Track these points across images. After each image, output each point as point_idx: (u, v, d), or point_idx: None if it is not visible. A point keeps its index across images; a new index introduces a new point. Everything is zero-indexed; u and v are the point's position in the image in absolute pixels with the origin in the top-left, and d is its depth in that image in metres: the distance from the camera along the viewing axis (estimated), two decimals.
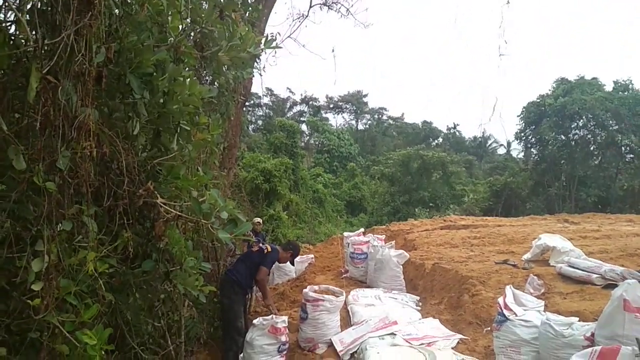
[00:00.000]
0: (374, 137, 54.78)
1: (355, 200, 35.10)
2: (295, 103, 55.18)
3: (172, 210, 3.46)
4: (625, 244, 8.64)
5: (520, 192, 28.20)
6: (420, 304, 6.77)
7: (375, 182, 34.69)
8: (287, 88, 52.97)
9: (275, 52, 9.82)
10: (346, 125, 56.74)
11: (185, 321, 5.79)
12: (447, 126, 58.21)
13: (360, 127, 58.37)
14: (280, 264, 9.69)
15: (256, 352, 5.30)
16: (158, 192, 3.44)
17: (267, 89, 49.55)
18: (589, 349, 2.67)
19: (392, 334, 5.03)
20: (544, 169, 28.07)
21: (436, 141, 57.02)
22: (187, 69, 3.64)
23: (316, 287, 6.21)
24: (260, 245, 6.13)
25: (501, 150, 54.68)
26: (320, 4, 10.64)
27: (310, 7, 10.60)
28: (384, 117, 58.78)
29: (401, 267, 7.59)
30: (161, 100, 3.32)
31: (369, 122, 58.60)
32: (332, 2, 10.66)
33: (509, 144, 47.02)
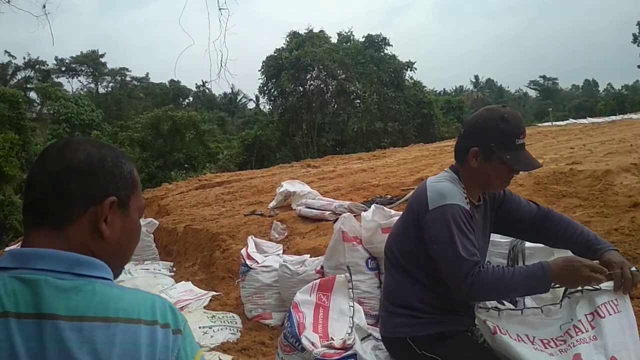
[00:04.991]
0: (118, 101, 50.94)
1: None
2: (18, 68, 47.48)
3: None
4: (354, 180, 9.82)
5: (270, 144, 29.85)
6: (175, 269, 6.66)
7: (126, 149, 32.66)
8: (6, 52, 44.93)
9: None
10: (84, 90, 51.39)
11: None
12: (196, 84, 57.59)
13: (102, 90, 53.57)
14: None
15: None
16: None
17: None
18: (310, 283, 2.90)
19: None
20: (288, 120, 30.15)
21: (187, 100, 56.08)
22: None
23: None
24: None
25: (251, 105, 56.84)
26: None
27: None
28: (128, 78, 55.03)
29: (152, 235, 7.31)
30: None
31: (111, 84, 54.19)
32: None
33: (257, 98, 49.00)
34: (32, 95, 44.63)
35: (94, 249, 0.94)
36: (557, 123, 27.73)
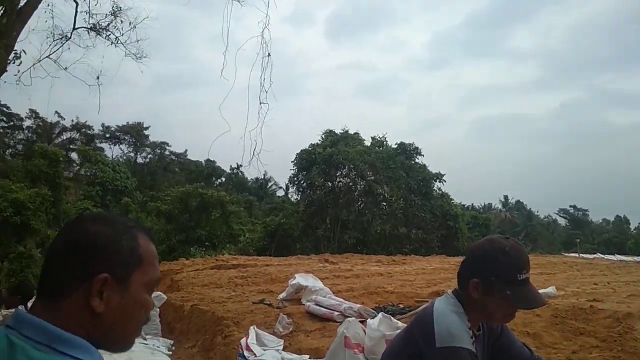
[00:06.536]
0: (154, 172, 52.60)
1: None
2: (65, 129, 49.88)
3: None
4: (369, 283, 9.68)
5: (292, 233, 29.91)
6: (174, 347, 6.51)
7: (152, 219, 33.16)
8: (56, 112, 47.46)
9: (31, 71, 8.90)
10: (124, 158, 53.39)
11: None
12: (230, 166, 59.27)
13: (140, 160, 55.56)
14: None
15: None
16: None
17: (31, 110, 43.79)
18: None
19: None
20: (313, 212, 30.41)
21: (219, 180, 57.39)
22: None
23: None
24: None
25: (280, 193, 57.78)
26: (86, 27, 9.89)
27: (74, 29, 9.79)
28: (167, 152, 57.11)
29: (157, 309, 7.23)
30: None
31: (150, 156, 56.27)
32: (101, 28, 9.97)
33: (287, 187, 49.81)
34: (73, 155, 46.45)
35: (88, 325, 0.95)
36: (585, 255, 27.12)
